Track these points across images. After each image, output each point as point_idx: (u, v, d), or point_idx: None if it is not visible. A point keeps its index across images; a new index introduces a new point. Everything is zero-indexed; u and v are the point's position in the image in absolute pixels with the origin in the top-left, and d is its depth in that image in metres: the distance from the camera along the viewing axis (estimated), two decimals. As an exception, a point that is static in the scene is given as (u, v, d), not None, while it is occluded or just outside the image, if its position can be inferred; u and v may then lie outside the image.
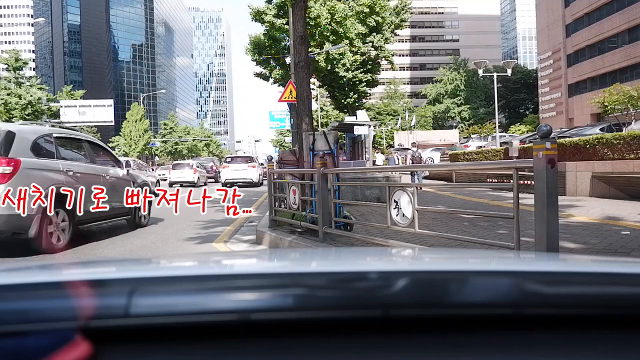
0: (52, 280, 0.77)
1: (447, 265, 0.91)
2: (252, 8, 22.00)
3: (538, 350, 0.59)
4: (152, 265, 1.07)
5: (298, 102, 7.47)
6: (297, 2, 7.32)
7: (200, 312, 0.59)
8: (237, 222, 8.47)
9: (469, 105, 62.71)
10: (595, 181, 9.36)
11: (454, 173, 15.34)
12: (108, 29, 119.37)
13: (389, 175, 10.59)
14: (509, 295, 0.64)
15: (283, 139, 56.92)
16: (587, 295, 0.65)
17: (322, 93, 32.77)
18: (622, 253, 4.13)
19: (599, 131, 16.68)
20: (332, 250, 2.51)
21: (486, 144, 25.34)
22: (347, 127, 19.58)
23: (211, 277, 0.73)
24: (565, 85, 45.71)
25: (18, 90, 33.72)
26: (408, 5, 29.00)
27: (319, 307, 0.60)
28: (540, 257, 1.40)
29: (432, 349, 0.59)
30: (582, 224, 5.81)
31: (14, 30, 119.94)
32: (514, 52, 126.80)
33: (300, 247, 5.04)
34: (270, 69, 23.13)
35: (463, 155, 17.73)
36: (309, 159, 6.41)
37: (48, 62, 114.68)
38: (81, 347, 0.54)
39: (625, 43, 37.90)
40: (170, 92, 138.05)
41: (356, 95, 27.49)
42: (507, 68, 27.26)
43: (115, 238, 7.04)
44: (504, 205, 7.81)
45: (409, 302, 0.61)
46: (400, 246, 3.98)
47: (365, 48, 25.58)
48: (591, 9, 41.14)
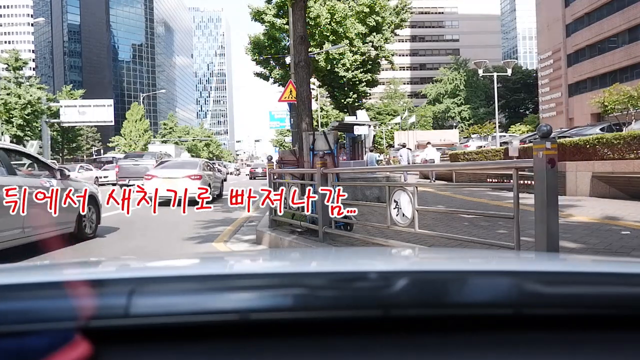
0: (52, 280, 0.77)
1: (447, 265, 0.91)
2: (252, 8, 22.03)
3: (538, 350, 0.59)
4: (152, 265, 1.07)
5: (298, 102, 7.47)
6: (297, 2, 7.32)
7: (200, 312, 0.59)
8: (237, 222, 8.47)
9: (469, 105, 62.74)
10: (596, 181, 9.36)
11: (454, 173, 15.33)
12: (108, 28, 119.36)
13: (389, 175, 10.59)
14: (509, 295, 0.64)
15: (283, 139, 56.89)
16: (587, 295, 0.65)
17: (322, 93, 32.78)
18: (622, 253, 4.13)
19: (599, 131, 16.68)
20: (332, 250, 2.51)
21: (486, 144, 25.36)
22: (347, 127, 19.57)
23: (211, 277, 0.73)
24: (565, 85, 45.72)
25: (18, 90, 33.71)
26: (408, 5, 29.02)
27: (319, 307, 0.60)
28: (540, 257, 1.40)
29: (432, 349, 0.59)
30: (582, 224, 5.81)
31: (14, 30, 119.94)
32: (514, 52, 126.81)
33: (300, 247, 5.04)
34: (270, 69, 23.16)
35: (463, 155, 17.73)
36: (309, 159, 6.41)
37: (48, 62, 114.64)
38: (81, 347, 0.54)
39: (625, 43, 37.92)
40: (170, 92, 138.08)
41: (356, 95, 27.51)
42: (507, 68, 27.27)
43: (116, 238, 7.04)
44: (504, 205, 7.81)
45: (409, 302, 0.61)
46: (400, 246, 3.98)
47: (365, 48, 25.60)
48: (591, 9, 41.15)
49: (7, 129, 33.91)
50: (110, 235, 7.32)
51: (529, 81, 62.60)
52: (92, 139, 67.07)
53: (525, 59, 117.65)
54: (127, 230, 7.81)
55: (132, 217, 8.50)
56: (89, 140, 65.50)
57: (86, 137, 61.55)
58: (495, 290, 0.64)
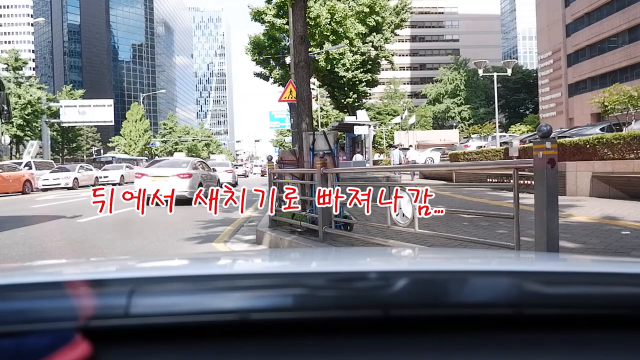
0: (52, 280, 0.77)
1: (447, 265, 0.91)
2: (252, 8, 22.01)
3: (538, 350, 0.59)
4: (152, 265, 1.07)
5: (298, 102, 7.46)
6: (297, 2, 7.31)
7: (200, 312, 0.59)
8: (237, 222, 8.47)
9: (469, 105, 62.72)
10: (596, 181, 9.36)
11: (454, 173, 15.33)
12: (108, 29, 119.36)
13: (389, 175, 10.59)
14: (509, 295, 0.64)
15: (283, 139, 56.91)
16: (587, 295, 0.65)
17: (322, 93, 32.78)
18: (622, 253, 4.13)
19: (599, 131, 16.68)
20: (332, 250, 2.51)
21: (486, 144, 25.35)
22: (347, 127, 19.59)
23: (211, 277, 0.73)
24: (565, 85, 45.72)
25: (18, 90, 33.71)
26: (408, 5, 29.02)
27: (319, 307, 0.60)
28: (540, 257, 1.40)
29: (432, 349, 0.59)
30: (582, 224, 5.81)
31: (14, 30, 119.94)
32: (514, 52, 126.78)
33: (300, 247, 5.04)
34: (270, 69, 23.14)
35: (463, 155, 17.73)
36: (309, 159, 6.41)
37: (48, 62, 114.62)
38: (81, 347, 0.54)
39: (625, 43, 37.91)
40: (170, 92, 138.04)
41: (356, 95, 27.51)
42: (507, 68, 27.25)
43: (115, 238, 7.04)
44: (504, 205, 7.81)
45: (409, 302, 0.61)
46: (400, 246, 3.98)
47: (365, 48, 25.60)
48: (591, 9, 41.14)
49: (7, 129, 33.92)
50: (111, 235, 7.32)
51: (529, 81, 62.59)
52: (92, 139, 67.11)
53: (525, 59, 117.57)
54: (127, 230, 7.81)
55: (133, 217, 8.51)
56: (89, 140, 65.52)
57: (86, 137, 61.55)
58: (495, 290, 0.64)
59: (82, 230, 7.73)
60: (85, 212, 10.04)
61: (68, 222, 8.92)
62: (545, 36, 48.54)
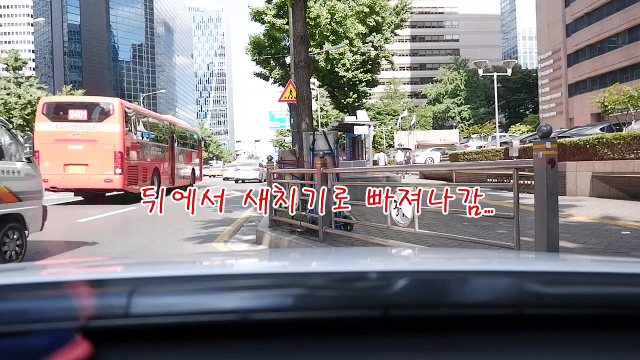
0: (52, 280, 0.77)
1: (447, 265, 0.91)
2: (252, 8, 22.01)
3: (538, 350, 0.59)
4: (152, 265, 1.06)
5: (298, 102, 7.47)
6: (297, 2, 7.32)
7: (200, 312, 0.59)
8: (237, 222, 8.47)
9: (469, 105, 62.71)
10: (596, 181, 9.36)
11: (454, 173, 15.33)
12: (108, 29, 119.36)
13: (389, 175, 10.59)
14: (509, 295, 0.64)
15: (283, 139, 56.89)
16: (587, 295, 0.65)
17: (322, 93, 32.78)
18: (622, 253, 4.13)
19: (599, 131, 16.67)
20: (332, 250, 2.51)
21: (486, 144, 25.33)
22: (347, 127, 19.57)
23: (211, 277, 0.73)
24: (565, 85, 45.72)
25: (17, 90, 33.68)
26: (408, 5, 29.00)
27: (319, 307, 0.60)
28: (540, 257, 1.40)
29: (432, 349, 0.59)
30: (582, 224, 5.81)
31: (14, 30, 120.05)
32: (514, 52, 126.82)
33: (300, 247, 5.04)
34: (270, 69, 23.15)
35: (463, 155, 17.73)
36: (309, 159, 6.41)
37: (48, 62, 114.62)
38: (81, 347, 0.54)
39: (625, 43, 37.91)
40: (170, 92, 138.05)
41: (356, 95, 27.50)
42: (507, 68, 27.24)
43: (115, 238, 7.04)
44: (504, 205, 7.81)
45: (409, 302, 0.61)
46: (400, 246, 3.98)
47: (365, 48, 25.59)
48: (591, 9, 41.14)
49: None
50: (111, 235, 7.32)
51: (529, 81, 62.58)
52: (92, 139, 66.99)
53: (525, 59, 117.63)
54: (127, 230, 7.81)
55: (132, 218, 8.51)
56: (89, 140, 65.40)
57: (86, 137, 61.40)
58: (495, 290, 0.64)
59: (83, 230, 7.73)
60: (86, 212, 10.03)
61: (68, 222, 8.92)
62: (545, 36, 48.54)
